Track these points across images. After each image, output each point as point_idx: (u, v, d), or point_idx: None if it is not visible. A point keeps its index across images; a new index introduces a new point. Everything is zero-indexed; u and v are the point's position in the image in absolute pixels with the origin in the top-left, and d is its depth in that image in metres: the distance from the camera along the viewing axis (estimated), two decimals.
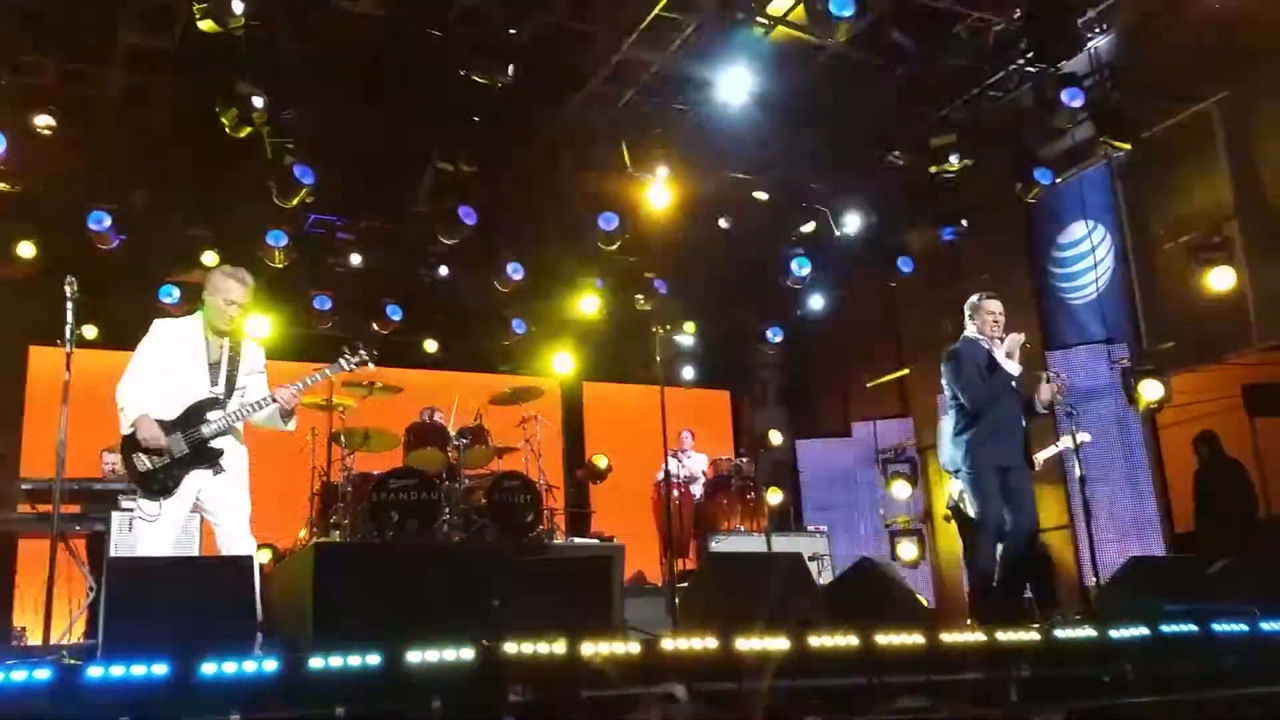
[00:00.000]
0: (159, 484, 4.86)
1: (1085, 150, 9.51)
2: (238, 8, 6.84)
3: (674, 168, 9.75)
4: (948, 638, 4.59)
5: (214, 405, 4.99)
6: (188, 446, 4.89)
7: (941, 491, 11.11)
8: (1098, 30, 8.95)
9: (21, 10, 7.73)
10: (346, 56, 8.94)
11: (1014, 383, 6.13)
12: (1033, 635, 4.88)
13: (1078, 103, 8.50)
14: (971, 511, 6.41)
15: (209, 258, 9.85)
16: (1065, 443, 7.71)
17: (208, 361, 5.05)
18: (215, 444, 4.96)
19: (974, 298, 6.36)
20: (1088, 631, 5.03)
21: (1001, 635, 4.76)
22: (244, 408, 5.04)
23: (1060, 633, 5.00)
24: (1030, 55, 8.74)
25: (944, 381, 6.26)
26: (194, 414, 4.94)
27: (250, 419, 5.10)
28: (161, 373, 4.96)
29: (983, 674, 4.48)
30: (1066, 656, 4.81)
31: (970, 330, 6.27)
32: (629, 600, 7.72)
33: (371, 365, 5.54)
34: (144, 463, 4.84)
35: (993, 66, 9.05)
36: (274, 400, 5.05)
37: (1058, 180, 9.48)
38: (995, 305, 6.25)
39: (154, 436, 4.81)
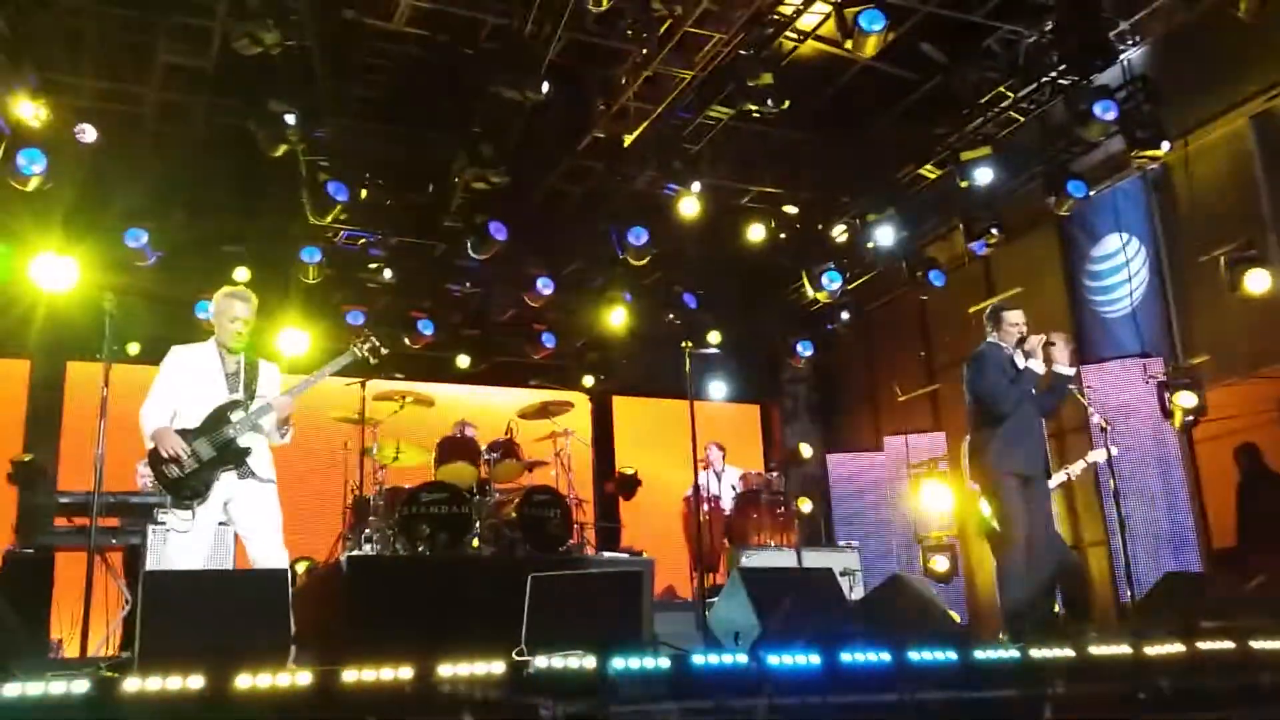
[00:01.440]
0: (190, 489, 4.93)
1: (1119, 162, 9.43)
2: (272, 30, 6.93)
3: (704, 182, 9.77)
4: (981, 654, 4.55)
5: (235, 407, 5.07)
6: (214, 449, 4.97)
7: (975, 506, 11.04)
8: (1130, 42, 8.89)
9: (62, 30, 7.87)
10: (379, 75, 9.04)
11: (1033, 389, 6.09)
12: (1067, 652, 4.83)
13: (1111, 115, 8.45)
14: (995, 524, 6.37)
15: (241, 274, 9.95)
16: (1096, 456, 7.63)
17: (225, 373, 5.16)
18: (242, 442, 5.03)
19: (994, 308, 6.34)
20: (1123, 648, 4.98)
21: (1035, 652, 4.71)
22: (265, 405, 5.11)
23: (1095, 649, 4.95)
24: (1062, 68, 8.69)
25: (966, 388, 6.20)
26: (217, 417, 5.03)
27: (264, 423, 5.14)
28: (180, 390, 5.09)
29: (1016, 691, 4.44)
30: (1101, 673, 4.76)
31: (992, 338, 6.23)
32: (659, 615, 7.72)
33: (383, 350, 5.54)
34: (173, 471, 4.92)
35: (1025, 79, 9.00)
36: (270, 405, 5.10)
37: (1091, 193, 9.41)
38: (1017, 315, 6.22)
39: (173, 444, 4.90)
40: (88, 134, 8.43)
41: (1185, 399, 8.52)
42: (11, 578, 7.42)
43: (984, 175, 9.39)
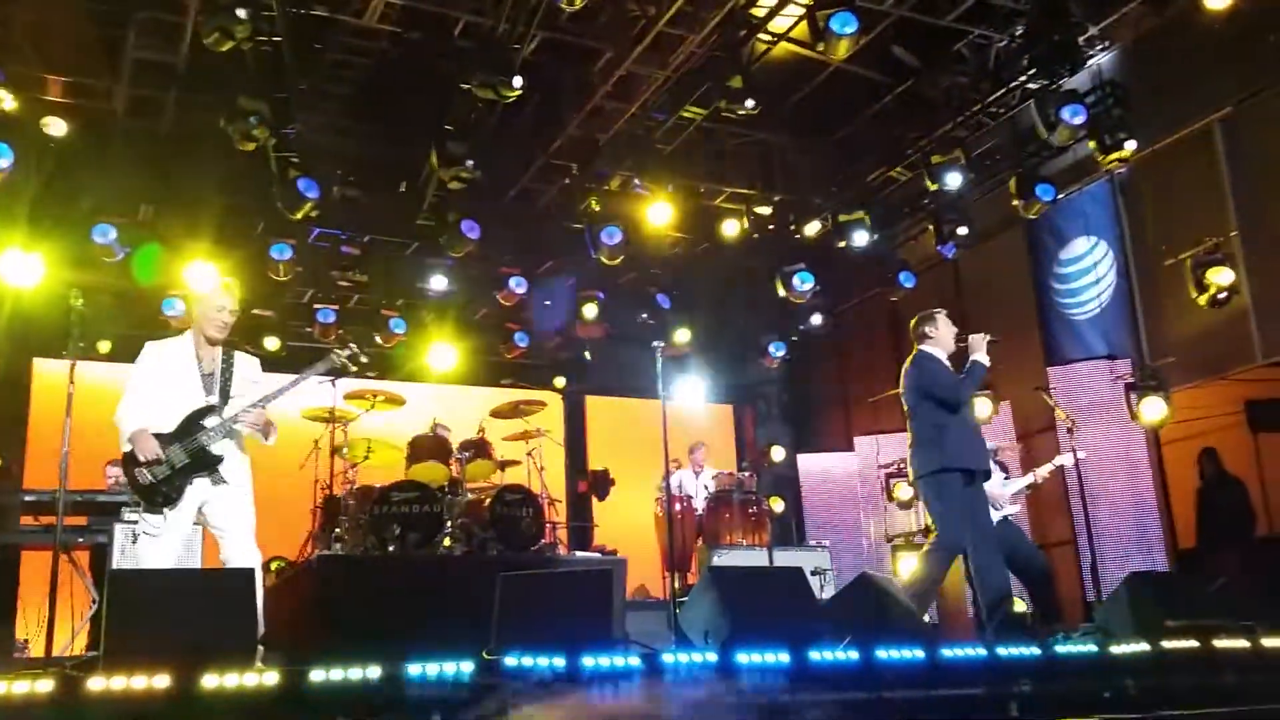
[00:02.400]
0: (162, 495, 4.88)
1: (1087, 166, 9.53)
2: (243, 23, 6.89)
3: (676, 182, 9.79)
4: (948, 652, 4.59)
5: (209, 412, 5.01)
6: (187, 455, 4.92)
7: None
8: (1100, 47, 8.99)
9: (28, 25, 7.78)
10: (351, 71, 9.00)
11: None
12: (1033, 651, 4.88)
13: (1079, 119, 8.52)
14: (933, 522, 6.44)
15: (200, 270, 9.85)
16: (1064, 459, 7.74)
17: (200, 374, 5.09)
18: (215, 450, 4.98)
19: (926, 315, 6.48)
20: (1088, 647, 5.03)
21: (1002, 651, 4.76)
22: (241, 412, 5.04)
23: (1061, 648, 5.00)
24: (1032, 72, 8.77)
25: (909, 391, 6.29)
26: (191, 423, 4.97)
27: (241, 426, 5.10)
28: (156, 389, 5.02)
29: (983, 689, 4.48)
30: (1067, 672, 4.81)
31: (926, 346, 6.36)
32: (631, 614, 7.73)
33: (363, 359, 5.53)
34: (145, 476, 4.87)
35: (995, 83, 9.08)
36: (240, 419, 5.03)
37: (1060, 196, 9.50)
38: (948, 321, 6.43)
39: (151, 448, 4.85)
40: (56, 126, 8.35)
41: (1152, 407, 8.58)
42: None
43: (953, 178, 9.45)
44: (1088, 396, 9.41)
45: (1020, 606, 6.67)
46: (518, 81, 7.72)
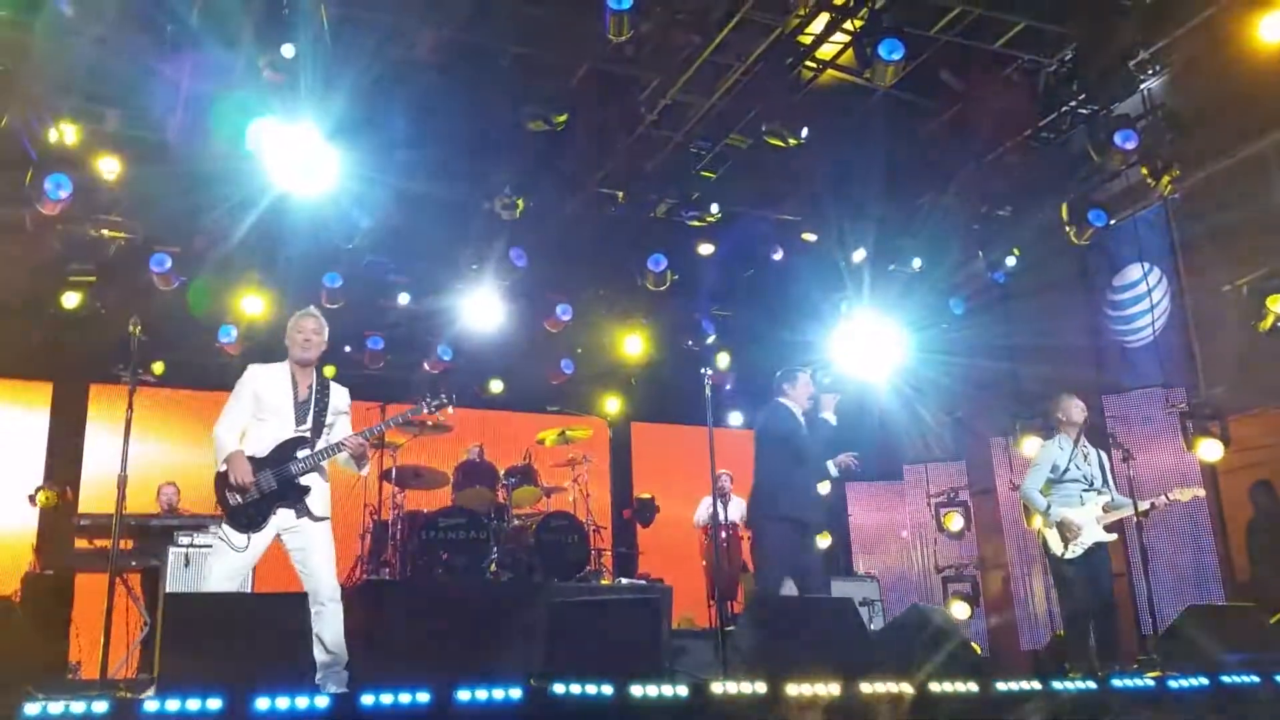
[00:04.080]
0: (247, 518, 5.01)
1: (1140, 191, 9.42)
2: (289, 54, 7.03)
3: (722, 209, 9.80)
4: (1002, 686, 4.52)
5: (301, 444, 5.14)
6: (276, 483, 5.04)
7: (996, 536, 10.97)
8: (1150, 72, 8.86)
9: (84, 59, 7.96)
10: (399, 101, 9.11)
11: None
12: (1090, 685, 4.79)
13: (1131, 144, 8.43)
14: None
15: (258, 304, 10.03)
16: (1180, 494, 7.22)
17: (295, 401, 5.22)
18: (302, 481, 5.10)
19: (789, 370, 6.79)
20: (1145, 681, 4.93)
21: (1058, 685, 4.68)
22: (330, 447, 5.18)
23: (1118, 682, 4.90)
24: (1082, 96, 8.70)
25: (755, 435, 6.66)
26: (283, 452, 5.10)
27: (334, 458, 5.22)
28: (252, 411, 5.18)
29: None
30: (1124, 706, 4.71)
31: (781, 399, 6.64)
32: (676, 643, 7.69)
33: (450, 410, 5.70)
34: (235, 499, 5.01)
35: (1044, 108, 9.01)
36: (341, 446, 5.18)
37: (1112, 222, 9.38)
38: (808, 382, 6.72)
39: (244, 472, 4.98)
40: (109, 167, 8.54)
41: (1207, 448, 8.40)
42: (32, 599, 7.46)
43: (1005, 205, 9.38)
44: (1142, 425, 9.25)
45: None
46: (565, 115, 7.81)
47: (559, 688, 3.87)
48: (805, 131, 8.21)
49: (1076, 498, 6.86)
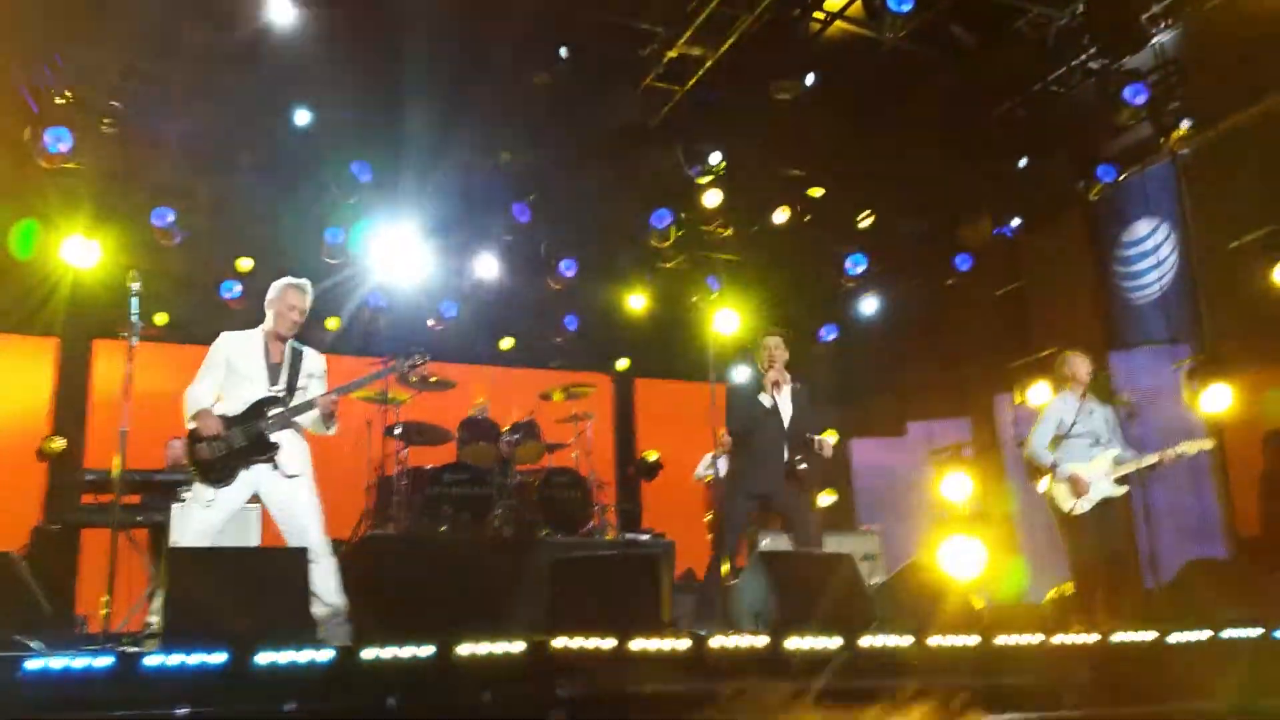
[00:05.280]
0: (217, 473, 5.05)
1: (1149, 146, 9.32)
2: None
3: (728, 164, 9.72)
4: (1002, 640, 4.53)
5: (274, 403, 5.19)
6: (246, 439, 5.08)
7: (999, 489, 10.98)
8: (1162, 25, 8.74)
9: (86, 8, 7.88)
10: (403, 53, 9.01)
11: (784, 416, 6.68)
12: (1090, 639, 4.80)
13: (1141, 99, 8.35)
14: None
15: (245, 264, 10.00)
16: (1187, 446, 7.22)
17: (268, 364, 5.27)
18: (273, 438, 5.13)
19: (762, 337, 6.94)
20: (1147, 636, 4.94)
21: (1058, 639, 4.69)
22: (301, 405, 5.21)
23: (1118, 637, 4.91)
24: (1093, 51, 8.58)
25: None
26: (254, 409, 5.15)
27: (303, 418, 5.21)
28: (225, 375, 5.22)
29: (1036, 678, 4.43)
30: (1124, 659, 4.73)
31: (746, 365, 6.83)
32: (678, 597, 7.72)
33: (423, 365, 5.68)
34: (204, 451, 5.05)
35: (1054, 62, 8.89)
36: (313, 402, 5.22)
37: (1121, 177, 9.30)
38: (771, 341, 6.87)
39: (212, 426, 5.04)
40: (110, 123, 8.49)
41: (1215, 396, 8.37)
42: (39, 553, 7.51)
43: (1013, 159, 9.29)
44: (1148, 381, 9.21)
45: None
46: (565, 56, 7.72)
47: (560, 641, 3.89)
48: (810, 84, 8.08)
49: (1084, 453, 6.84)
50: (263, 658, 3.47)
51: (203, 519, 5.02)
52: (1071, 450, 6.86)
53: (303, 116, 8.78)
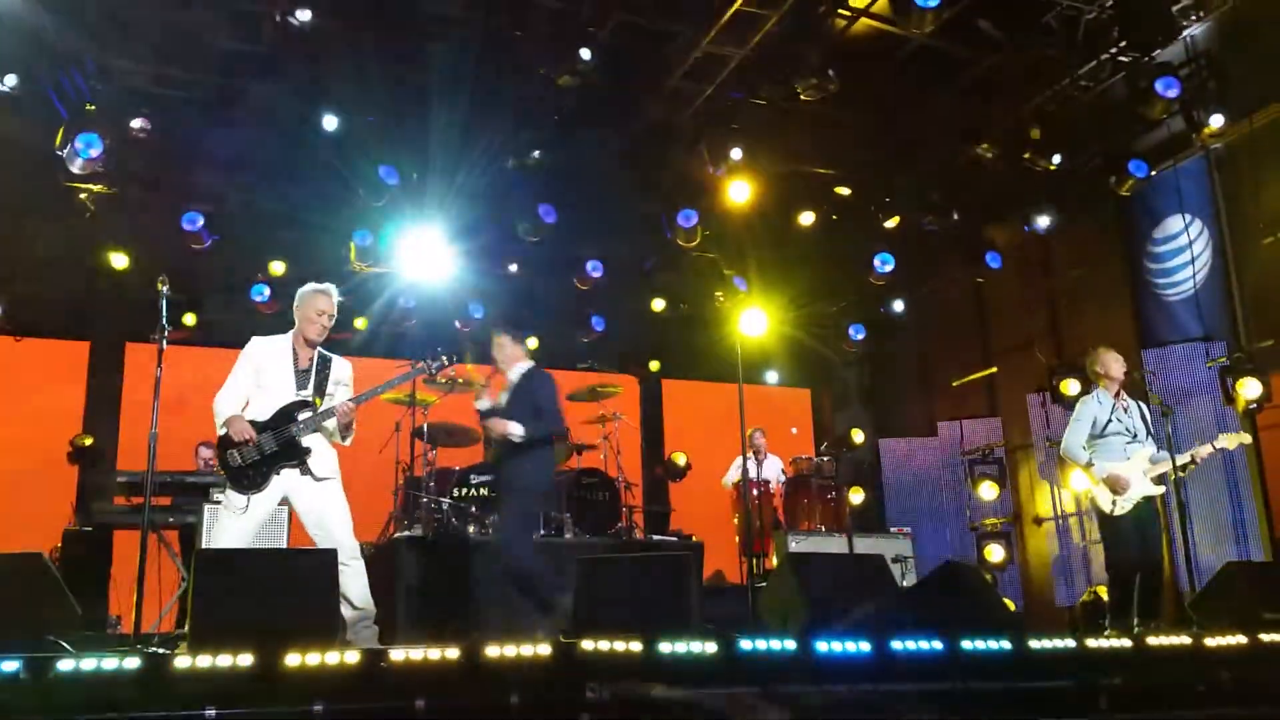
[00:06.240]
0: (249, 479, 5.08)
1: (1181, 141, 9.20)
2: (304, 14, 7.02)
3: (754, 164, 9.67)
4: (1036, 644, 4.47)
5: (303, 407, 5.21)
6: (277, 444, 5.11)
7: (1037, 493, 10.87)
8: (1193, 18, 8.64)
9: (114, 16, 7.95)
10: (429, 57, 9.04)
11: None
12: (1125, 643, 4.73)
13: (1173, 93, 8.23)
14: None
15: (277, 267, 10.06)
16: (1225, 441, 7.10)
17: (296, 370, 5.30)
18: (304, 442, 5.15)
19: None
20: (1182, 639, 4.86)
21: (1092, 643, 4.62)
22: (329, 410, 5.23)
23: (1153, 640, 4.84)
24: (1123, 44, 8.47)
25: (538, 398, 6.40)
26: (284, 415, 5.17)
27: (330, 423, 5.24)
28: (254, 381, 5.25)
29: (1072, 682, 4.36)
30: (1160, 664, 4.66)
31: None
32: (707, 599, 7.69)
33: (449, 368, 5.68)
34: (235, 458, 5.08)
35: (1084, 56, 8.79)
36: (333, 411, 5.21)
37: (1153, 173, 9.17)
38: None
39: (243, 431, 5.06)
40: (141, 123, 8.55)
41: (1249, 387, 8.27)
42: (71, 555, 7.59)
43: (1042, 156, 9.19)
44: (1182, 379, 9.09)
45: None
46: (590, 60, 7.71)
47: (588, 644, 3.87)
48: (836, 84, 8.03)
49: (1120, 451, 6.76)
50: (291, 659, 3.48)
51: (238, 526, 5.05)
52: (1107, 449, 6.78)
53: (330, 122, 8.78)
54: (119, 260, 9.65)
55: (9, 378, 10.27)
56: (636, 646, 3.88)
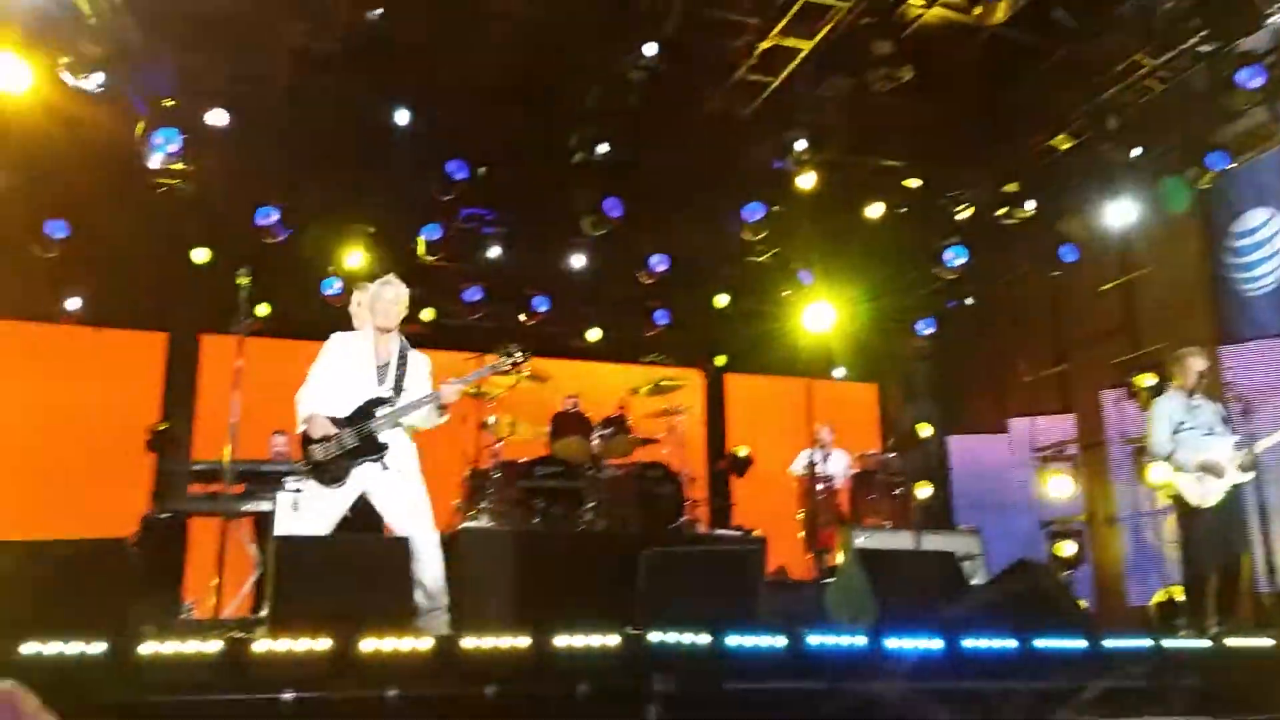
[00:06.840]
0: (330, 474, 5.19)
1: (1263, 132, 8.94)
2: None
3: (821, 155, 9.59)
4: (1111, 643, 4.40)
5: (382, 403, 5.30)
6: (357, 440, 5.21)
7: (1110, 491, 10.66)
8: (1278, 6, 8.38)
9: (190, 13, 8.11)
10: (498, 54, 9.10)
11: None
12: (1203, 643, 4.64)
13: (1258, 83, 8.00)
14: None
15: (356, 259, 10.21)
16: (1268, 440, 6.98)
17: (375, 365, 5.39)
18: (382, 438, 5.24)
19: None
20: (1262, 641, 4.76)
21: (1168, 642, 4.54)
22: (411, 403, 5.32)
23: (1232, 641, 4.74)
24: (1203, 34, 8.25)
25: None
26: (364, 411, 5.27)
27: (410, 417, 5.31)
28: (335, 377, 5.36)
29: (1146, 681, 4.29)
30: (1239, 665, 4.56)
31: None
32: (770, 594, 7.66)
33: (524, 363, 5.75)
34: (317, 453, 5.20)
35: (1162, 45, 8.57)
36: (437, 395, 5.31)
37: (1233, 165, 8.93)
38: None
39: (323, 427, 5.17)
40: (218, 117, 8.72)
41: None
42: (148, 542, 7.76)
43: (1119, 147, 9.00)
44: (1262, 376, 8.86)
45: None
46: (653, 47, 7.70)
47: (655, 636, 3.88)
48: (908, 74, 7.94)
49: (1200, 444, 6.68)
50: (366, 645, 3.54)
51: (315, 519, 5.15)
52: (1187, 444, 6.69)
53: (402, 116, 8.87)
54: (200, 254, 9.85)
55: (89, 368, 10.55)
56: (704, 639, 3.89)
